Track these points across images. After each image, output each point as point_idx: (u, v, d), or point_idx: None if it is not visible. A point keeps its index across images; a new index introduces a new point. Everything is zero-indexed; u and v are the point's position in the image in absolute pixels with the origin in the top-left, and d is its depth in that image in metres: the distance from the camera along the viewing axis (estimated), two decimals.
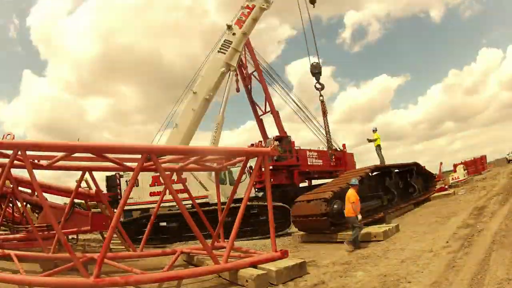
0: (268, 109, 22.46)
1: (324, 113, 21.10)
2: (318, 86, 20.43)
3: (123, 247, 8.18)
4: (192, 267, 6.41)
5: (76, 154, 6.10)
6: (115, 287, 4.70)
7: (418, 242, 7.06)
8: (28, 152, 5.05)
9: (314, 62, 20.36)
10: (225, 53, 14.87)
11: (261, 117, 23.40)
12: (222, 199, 8.18)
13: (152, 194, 12.78)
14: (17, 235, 8.40)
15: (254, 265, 5.40)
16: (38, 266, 6.51)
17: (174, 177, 8.81)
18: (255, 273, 5.01)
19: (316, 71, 20.37)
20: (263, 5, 15.74)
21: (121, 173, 12.85)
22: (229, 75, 15.17)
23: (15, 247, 7.55)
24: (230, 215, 8.37)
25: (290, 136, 20.73)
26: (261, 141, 20.29)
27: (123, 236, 7.69)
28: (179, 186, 11.24)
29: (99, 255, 4.87)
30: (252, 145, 19.53)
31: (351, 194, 7.54)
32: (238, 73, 23.12)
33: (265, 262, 5.51)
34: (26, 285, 4.98)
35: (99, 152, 5.78)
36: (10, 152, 5.11)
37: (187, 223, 5.56)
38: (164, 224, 11.42)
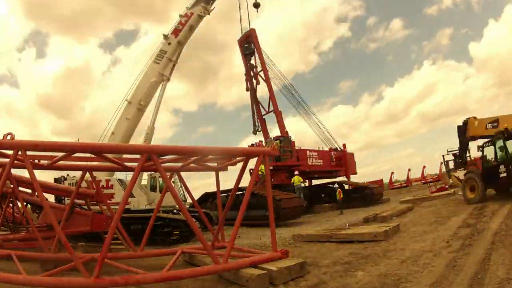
0: (271, 108, 22.51)
1: None
2: None
3: (123, 246, 8.18)
4: (193, 267, 6.40)
5: (77, 154, 6.10)
6: (116, 287, 4.71)
7: (418, 242, 7.06)
8: (28, 152, 5.06)
9: None
10: (159, 63, 15.13)
11: (264, 116, 23.43)
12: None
13: None
14: (18, 235, 8.40)
15: (254, 265, 5.39)
16: (38, 266, 6.52)
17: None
18: (256, 273, 5.01)
19: None
20: (201, 12, 16.06)
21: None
22: (162, 85, 15.35)
23: (15, 247, 7.55)
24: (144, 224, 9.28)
25: (290, 136, 20.77)
26: (261, 141, 20.40)
27: (123, 236, 7.69)
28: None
29: (99, 255, 4.87)
30: (253, 145, 19.65)
31: None
32: (246, 72, 23.35)
33: (265, 262, 5.50)
34: (26, 285, 4.98)
35: (99, 152, 5.78)
36: (10, 152, 5.12)
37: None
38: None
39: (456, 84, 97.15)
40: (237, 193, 7.30)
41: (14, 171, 6.52)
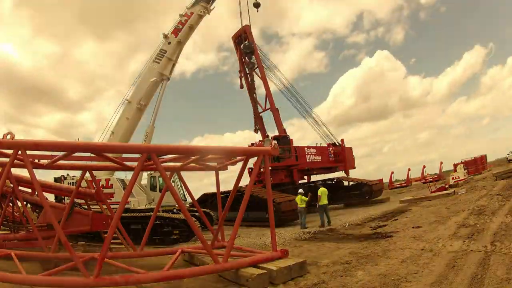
0: (268, 106, 22.42)
1: None
2: None
3: (123, 246, 8.18)
4: (193, 267, 6.40)
5: (76, 154, 6.10)
6: (116, 287, 4.71)
7: (418, 241, 7.06)
8: (28, 152, 5.05)
9: None
10: (159, 63, 15.20)
11: (261, 114, 23.35)
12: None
13: None
14: (17, 235, 8.39)
15: (254, 264, 5.40)
16: (38, 266, 6.51)
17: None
18: (256, 272, 5.01)
19: None
20: (201, 12, 16.11)
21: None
22: (162, 85, 15.43)
23: (16, 247, 7.55)
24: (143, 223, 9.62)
25: (288, 135, 20.74)
26: (261, 141, 20.38)
27: (123, 236, 7.69)
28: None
29: (99, 254, 4.87)
30: (253, 144, 19.64)
31: None
32: (241, 69, 23.21)
33: (265, 261, 5.50)
34: (26, 284, 4.98)
35: (99, 151, 5.78)
36: (10, 151, 5.11)
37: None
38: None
39: None
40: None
41: (14, 171, 6.52)
